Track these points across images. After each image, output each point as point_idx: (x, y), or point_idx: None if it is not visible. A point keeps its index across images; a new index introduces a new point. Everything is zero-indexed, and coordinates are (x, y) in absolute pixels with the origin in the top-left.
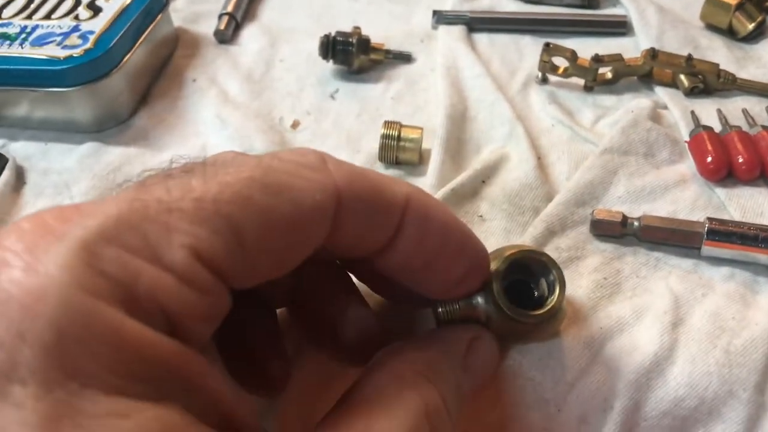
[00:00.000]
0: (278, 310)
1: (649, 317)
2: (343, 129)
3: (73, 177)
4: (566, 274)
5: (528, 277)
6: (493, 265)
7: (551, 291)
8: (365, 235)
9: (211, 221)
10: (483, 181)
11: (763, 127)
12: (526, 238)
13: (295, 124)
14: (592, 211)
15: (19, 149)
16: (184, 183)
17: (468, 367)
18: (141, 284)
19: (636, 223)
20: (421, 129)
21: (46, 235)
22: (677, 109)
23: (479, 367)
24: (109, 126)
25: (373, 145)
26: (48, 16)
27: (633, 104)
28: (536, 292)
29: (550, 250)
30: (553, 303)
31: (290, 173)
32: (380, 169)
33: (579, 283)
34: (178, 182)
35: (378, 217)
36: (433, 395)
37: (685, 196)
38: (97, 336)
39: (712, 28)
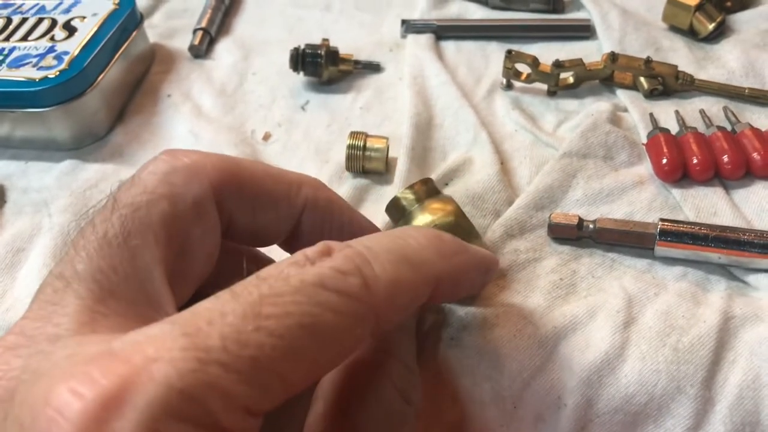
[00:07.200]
0: None
1: (602, 316)
2: (313, 140)
3: (51, 195)
4: (524, 275)
5: None
6: None
7: None
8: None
9: (265, 381)
10: (446, 184)
11: (719, 127)
12: (485, 242)
13: (266, 136)
14: (549, 215)
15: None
16: (235, 325)
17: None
18: None
19: (591, 226)
20: (386, 138)
21: (108, 406)
22: (636, 112)
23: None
24: (87, 143)
25: (342, 155)
26: (25, 38)
27: (593, 108)
28: None
29: (509, 253)
30: None
31: (335, 311)
32: (347, 178)
33: (536, 284)
34: (231, 321)
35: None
36: (397, 367)
37: (642, 198)
38: None
39: (674, 29)
